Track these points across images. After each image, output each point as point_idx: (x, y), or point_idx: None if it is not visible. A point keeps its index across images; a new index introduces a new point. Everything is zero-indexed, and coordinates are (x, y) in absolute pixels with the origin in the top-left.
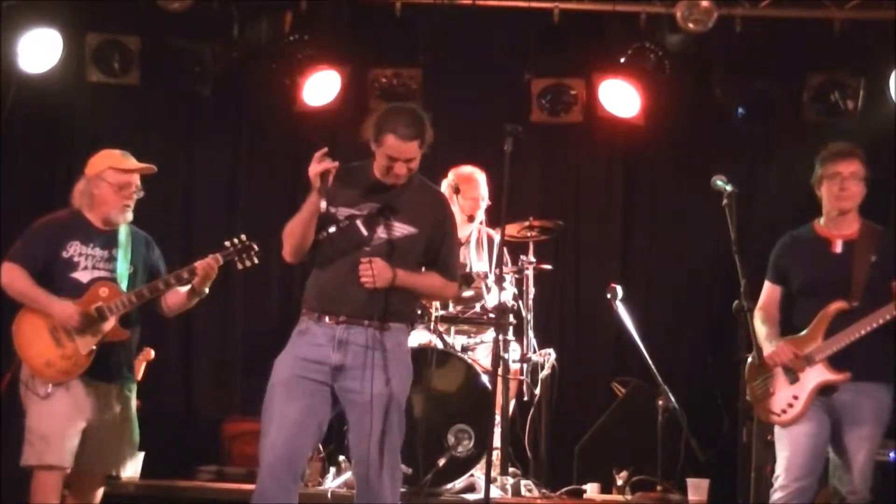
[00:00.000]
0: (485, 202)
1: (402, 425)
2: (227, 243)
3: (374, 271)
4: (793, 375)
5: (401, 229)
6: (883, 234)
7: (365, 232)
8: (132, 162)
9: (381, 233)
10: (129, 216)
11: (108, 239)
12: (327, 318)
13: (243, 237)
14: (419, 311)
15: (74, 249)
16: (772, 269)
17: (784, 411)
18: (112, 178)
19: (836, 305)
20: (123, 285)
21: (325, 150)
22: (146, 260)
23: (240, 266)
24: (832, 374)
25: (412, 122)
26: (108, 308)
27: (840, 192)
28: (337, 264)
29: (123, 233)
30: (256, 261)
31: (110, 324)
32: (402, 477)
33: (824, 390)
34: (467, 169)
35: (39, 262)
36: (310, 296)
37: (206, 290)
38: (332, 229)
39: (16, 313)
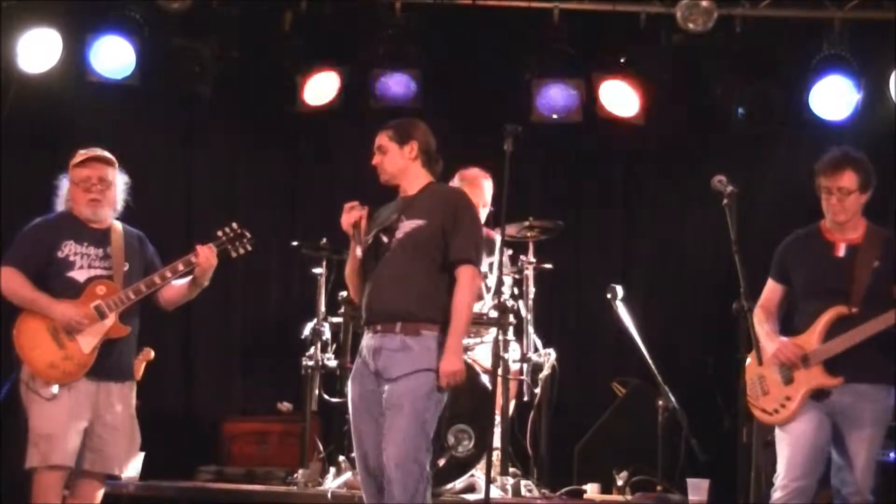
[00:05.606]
0: (487, 208)
1: (423, 428)
2: (220, 232)
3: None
4: (788, 376)
5: (410, 224)
6: (887, 239)
7: (385, 240)
8: (82, 153)
9: (395, 234)
10: (104, 212)
11: (101, 237)
12: (369, 330)
13: (234, 225)
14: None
15: (69, 249)
16: (775, 268)
17: (776, 411)
18: (74, 176)
19: (836, 310)
20: (119, 282)
21: (356, 202)
22: (141, 257)
23: (233, 254)
24: (826, 379)
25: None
26: (106, 305)
27: (835, 204)
28: (370, 278)
29: (116, 230)
30: (250, 248)
31: (110, 321)
32: (422, 478)
33: (817, 394)
34: (474, 172)
35: (34, 263)
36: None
37: (207, 282)
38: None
39: (15, 316)
